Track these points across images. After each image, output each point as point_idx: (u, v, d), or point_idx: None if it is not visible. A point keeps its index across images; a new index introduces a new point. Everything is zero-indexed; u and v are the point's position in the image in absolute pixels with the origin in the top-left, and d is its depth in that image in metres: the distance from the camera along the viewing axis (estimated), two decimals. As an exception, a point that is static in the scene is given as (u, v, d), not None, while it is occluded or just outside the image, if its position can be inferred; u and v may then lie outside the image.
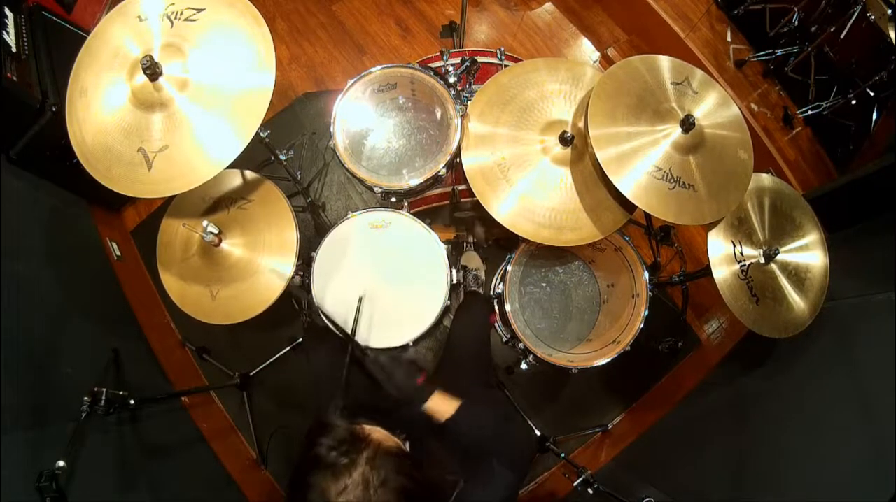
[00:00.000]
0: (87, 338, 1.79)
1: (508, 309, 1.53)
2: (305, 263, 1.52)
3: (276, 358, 2.12)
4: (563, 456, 1.80)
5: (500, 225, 1.39)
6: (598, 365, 1.49)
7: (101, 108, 1.21)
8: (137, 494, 1.62)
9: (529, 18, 2.66)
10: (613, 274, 1.70)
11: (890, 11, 1.94)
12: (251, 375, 2.09)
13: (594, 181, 1.39)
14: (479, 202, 1.40)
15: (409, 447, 0.97)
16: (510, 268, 1.57)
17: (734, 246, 1.41)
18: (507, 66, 1.69)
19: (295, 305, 2.00)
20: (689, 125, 1.28)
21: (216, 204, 1.51)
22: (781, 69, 2.38)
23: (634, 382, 2.19)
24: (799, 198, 1.54)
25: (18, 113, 1.68)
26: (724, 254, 1.40)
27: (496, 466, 0.95)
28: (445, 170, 1.48)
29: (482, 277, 2.07)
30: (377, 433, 0.82)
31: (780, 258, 1.43)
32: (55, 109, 1.71)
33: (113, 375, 1.75)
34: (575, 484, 1.59)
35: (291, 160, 1.75)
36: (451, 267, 1.47)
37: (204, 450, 2.03)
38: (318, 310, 1.41)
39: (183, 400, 2.06)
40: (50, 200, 1.93)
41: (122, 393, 1.49)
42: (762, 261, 1.42)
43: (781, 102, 2.41)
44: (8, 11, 1.76)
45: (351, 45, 2.60)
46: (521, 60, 1.63)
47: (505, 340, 1.73)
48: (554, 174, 1.41)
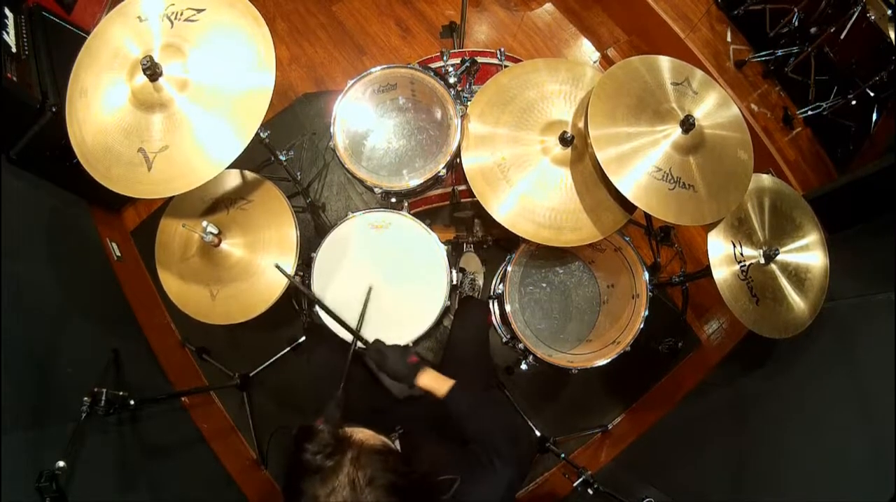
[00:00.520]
0: (87, 338, 1.79)
1: (508, 309, 1.53)
2: (305, 264, 1.52)
3: (276, 358, 2.12)
4: (563, 456, 1.80)
5: (500, 225, 1.39)
6: (598, 365, 1.49)
7: (101, 108, 1.21)
8: (137, 494, 1.61)
9: (529, 19, 2.66)
10: (613, 274, 1.70)
11: (890, 11, 1.94)
12: (251, 375, 2.09)
13: (594, 181, 1.39)
14: (479, 202, 1.40)
15: (399, 445, 0.98)
16: (510, 269, 1.57)
17: (734, 246, 1.41)
18: (507, 66, 1.69)
19: (295, 305, 2.00)
20: (689, 125, 1.28)
21: (216, 204, 1.51)
22: (781, 69, 2.38)
23: (634, 382, 2.19)
24: (799, 199, 1.54)
25: (18, 113, 1.68)
26: (724, 255, 1.40)
27: (496, 462, 0.95)
28: (445, 171, 1.48)
29: (479, 282, 2.07)
30: (360, 433, 0.83)
31: (780, 258, 1.43)
32: (55, 109, 1.71)
33: (113, 375, 1.75)
34: (575, 484, 1.59)
35: (291, 160, 1.75)
36: (451, 267, 1.47)
37: (204, 450, 2.03)
38: (317, 303, 1.40)
39: (183, 400, 2.06)
40: (50, 200, 1.93)
41: (122, 393, 1.49)
42: (762, 262, 1.42)
43: (781, 103, 2.41)
44: (8, 11, 1.76)
45: (351, 45, 2.60)
46: (521, 61, 1.63)
47: (505, 341, 1.72)
48: (554, 174, 1.41)
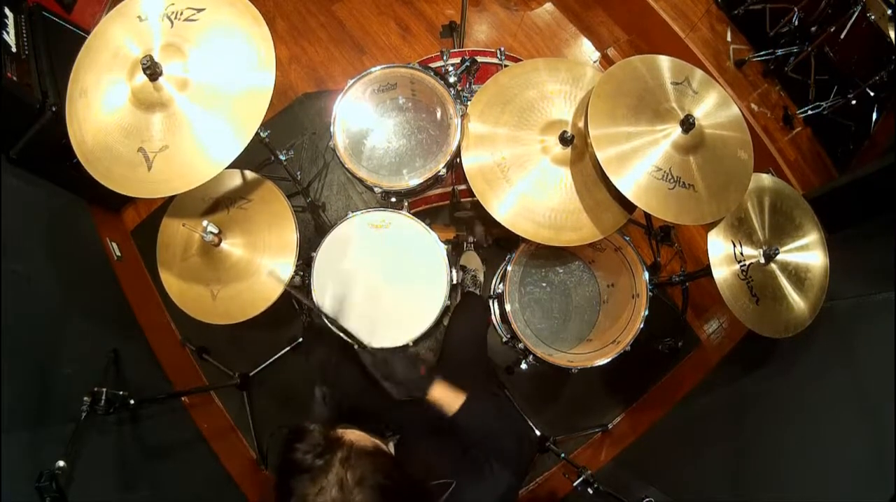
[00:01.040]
0: (87, 338, 1.78)
1: (508, 309, 1.53)
2: (305, 263, 1.52)
3: (276, 358, 2.12)
4: (563, 456, 1.80)
5: (500, 225, 1.39)
6: (598, 365, 1.49)
7: (101, 108, 1.21)
8: (137, 494, 1.61)
9: (529, 18, 2.66)
10: (613, 274, 1.70)
11: (890, 11, 1.94)
12: (251, 375, 2.08)
13: (594, 181, 1.39)
14: (479, 202, 1.40)
15: (393, 448, 0.97)
16: (510, 268, 1.57)
17: (734, 246, 1.41)
18: (507, 66, 1.69)
19: (295, 305, 2.00)
20: (689, 125, 1.28)
21: (216, 204, 1.51)
22: (781, 69, 2.38)
23: (634, 382, 2.19)
24: (799, 198, 1.54)
25: (18, 113, 1.68)
26: (724, 254, 1.40)
27: (495, 465, 0.95)
28: (445, 170, 1.48)
29: (480, 278, 2.07)
30: (351, 434, 0.82)
31: (780, 258, 1.43)
32: (55, 109, 1.71)
33: (113, 375, 1.75)
34: (575, 484, 1.59)
35: (291, 160, 1.75)
36: (451, 267, 1.47)
37: (204, 450, 2.03)
38: (320, 314, 1.40)
39: (183, 400, 2.06)
40: (50, 200, 1.93)
41: (122, 393, 1.49)
42: (762, 261, 1.42)
43: (781, 102, 2.41)
44: (8, 11, 1.76)
45: (351, 45, 2.60)
46: (521, 60, 1.63)
47: (505, 340, 1.73)
48: (554, 174, 1.41)
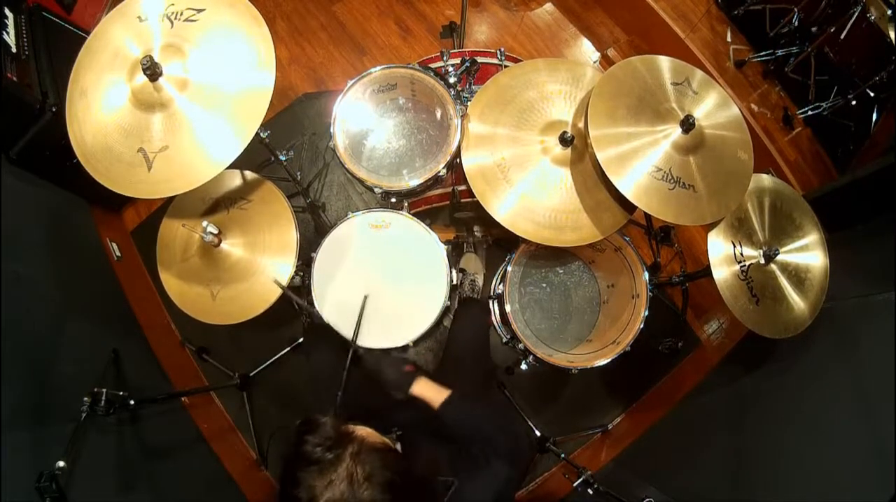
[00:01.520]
0: (87, 338, 1.78)
1: (508, 309, 1.53)
2: (305, 264, 1.52)
3: (276, 358, 2.12)
4: (563, 456, 1.80)
5: (500, 225, 1.39)
6: (598, 365, 1.49)
7: (101, 108, 1.21)
8: (137, 494, 1.61)
9: (529, 19, 2.66)
10: (613, 274, 1.70)
11: (890, 11, 1.94)
12: (251, 375, 2.08)
13: (594, 181, 1.39)
14: (479, 202, 1.40)
15: (400, 446, 0.98)
16: (510, 269, 1.57)
17: (734, 246, 1.41)
18: (507, 66, 1.69)
19: (295, 305, 1.99)
20: (689, 125, 1.28)
21: (216, 204, 1.51)
22: (781, 69, 2.38)
23: (634, 382, 2.19)
24: (799, 199, 1.54)
25: (18, 113, 1.68)
26: (724, 255, 1.40)
27: (491, 458, 0.95)
28: (445, 171, 1.48)
29: (479, 283, 2.07)
30: (362, 430, 0.83)
31: (780, 258, 1.43)
32: (55, 109, 1.71)
33: (113, 375, 1.75)
34: (575, 484, 1.59)
35: (291, 160, 1.75)
36: (451, 267, 1.47)
37: (204, 450, 2.03)
38: (317, 314, 1.42)
39: (183, 400, 2.06)
40: (50, 200, 1.93)
41: (122, 393, 1.48)
42: (762, 262, 1.42)
43: (781, 103, 2.41)
44: (8, 11, 1.76)
45: (351, 45, 2.60)
46: (521, 61, 1.63)
47: (505, 341, 1.72)
48: (554, 174, 1.41)
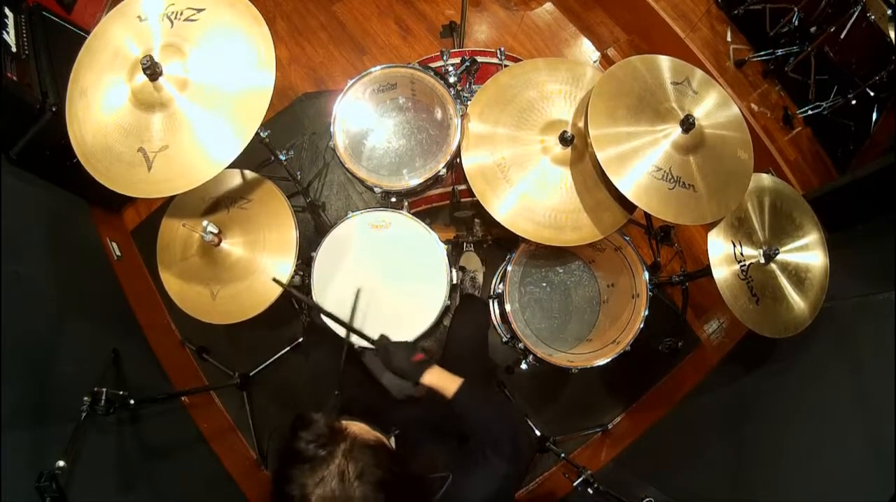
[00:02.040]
0: (87, 338, 1.79)
1: (508, 309, 1.53)
2: (305, 263, 1.52)
3: (276, 358, 2.12)
4: (563, 456, 1.80)
5: (500, 225, 1.39)
6: (598, 365, 1.49)
7: (101, 108, 1.21)
8: (137, 494, 1.61)
9: (529, 18, 2.66)
10: (613, 274, 1.70)
11: (890, 11, 1.94)
12: (251, 375, 2.09)
13: (594, 181, 1.39)
14: (479, 202, 1.40)
15: (394, 443, 0.98)
16: (510, 268, 1.57)
17: (734, 246, 1.41)
18: (507, 66, 1.69)
19: (295, 305, 2.00)
20: (689, 125, 1.28)
21: (216, 204, 1.51)
22: (781, 69, 2.37)
23: (634, 382, 2.19)
24: (799, 198, 1.54)
25: (18, 113, 1.68)
26: (724, 254, 1.40)
27: (490, 454, 0.95)
28: (445, 170, 1.48)
29: (479, 280, 2.07)
30: (356, 427, 0.83)
31: (780, 258, 1.43)
32: (55, 109, 1.71)
33: (113, 375, 1.75)
34: (575, 484, 1.59)
35: (291, 160, 1.75)
36: (451, 267, 1.47)
37: (204, 450, 2.03)
38: (316, 307, 1.41)
39: (183, 400, 2.06)
40: (50, 200, 1.93)
41: (122, 393, 1.49)
42: (762, 261, 1.42)
43: (781, 102, 2.41)
44: (8, 11, 1.76)
45: (351, 45, 2.60)
46: (521, 60, 1.63)
47: (505, 340, 1.72)
48: (554, 174, 1.41)
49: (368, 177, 1.51)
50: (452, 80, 1.55)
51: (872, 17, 1.98)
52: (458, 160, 1.46)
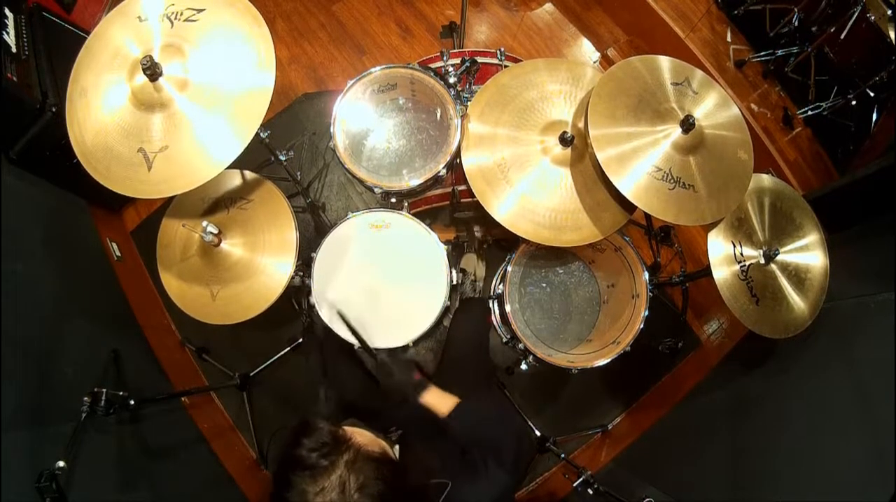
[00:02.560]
0: (87, 338, 1.78)
1: (508, 309, 1.53)
2: (305, 264, 1.52)
3: (276, 358, 2.12)
4: (563, 456, 1.80)
5: (500, 225, 1.39)
6: (598, 365, 1.49)
7: (101, 108, 1.21)
8: (137, 494, 1.62)
9: (529, 19, 2.66)
10: (613, 274, 1.69)
11: (890, 11, 1.94)
12: (251, 375, 2.09)
13: (594, 181, 1.39)
14: (479, 202, 1.40)
15: (398, 450, 0.97)
16: (510, 269, 1.57)
17: (734, 246, 1.41)
18: (507, 66, 1.69)
19: (295, 305, 2.00)
20: (689, 125, 1.28)
21: (216, 204, 1.51)
22: (781, 69, 2.37)
23: (634, 382, 2.19)
24: (799, 199, 1.54)
25: (18, 113, 1.68)
26: (724, 255, 1.40)
27: (491, 464, 0.95)
28: (445, 171, 1.48)
29: (480, 283, 2.07)
30: (360, 437, 0.82)
31: (780, 258, 1.43)
32: (55, 109, 1.71)
33: (113, 375, 1.75)
34: (575, 484, 1.59)
35: (291, 160, 1.75)
36: (451, 267, 1.47)
37: (204, 450, 2.03)
38: (323, 316, 1.41)
39: (183, 400, 2.06)
40: (50, 200, 1.93)
41: (122, 393, 1.49)
42: (762, 262, 1.42)
43: (781, 103, 2.41)
44: (8, 11, 1.76)
45: (351, 45, 2.60)
46: (521, 61, 1.63)
47: (505, 341, 1.72)
48: (554, 174, 1.41)
49: (368, 178, 1.51)
50: (452, 80, 1.55)
51: (872, 17, 1.98)
52: (458, 160, 1.46)
